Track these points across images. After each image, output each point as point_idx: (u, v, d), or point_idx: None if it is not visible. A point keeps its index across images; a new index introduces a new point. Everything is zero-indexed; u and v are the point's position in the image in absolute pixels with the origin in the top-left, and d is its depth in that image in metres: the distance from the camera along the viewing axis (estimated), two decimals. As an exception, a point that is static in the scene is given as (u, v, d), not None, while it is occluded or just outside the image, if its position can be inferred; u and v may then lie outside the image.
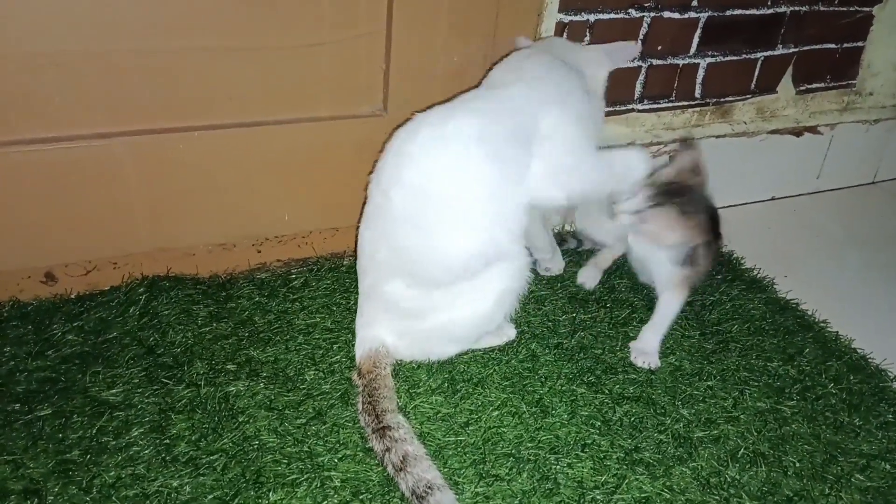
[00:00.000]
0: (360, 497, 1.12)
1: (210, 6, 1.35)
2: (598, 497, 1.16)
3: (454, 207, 1.26)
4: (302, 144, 1.53)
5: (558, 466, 1.21)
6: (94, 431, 1.18)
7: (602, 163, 1.43)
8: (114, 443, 1.17)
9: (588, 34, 1.68)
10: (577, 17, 1.66)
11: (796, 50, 1.98)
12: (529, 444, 1.24)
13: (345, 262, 1.61)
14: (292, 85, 1.49)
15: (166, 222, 1.49)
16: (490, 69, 1.47)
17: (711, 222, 1.47)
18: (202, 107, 1.43)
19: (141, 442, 1.17)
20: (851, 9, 2.02)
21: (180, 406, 1.24)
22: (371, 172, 1.35)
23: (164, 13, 1.33)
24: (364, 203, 1.35)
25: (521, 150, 1.31)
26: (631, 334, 1.50)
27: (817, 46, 2.01)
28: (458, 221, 1.26)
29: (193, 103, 1.42)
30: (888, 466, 1.27)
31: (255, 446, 1.18)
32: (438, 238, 1.26)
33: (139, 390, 1.26)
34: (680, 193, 1.42)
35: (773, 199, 2.13)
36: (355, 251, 1.39)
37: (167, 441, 1.18)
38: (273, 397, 1.27)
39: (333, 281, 1.57)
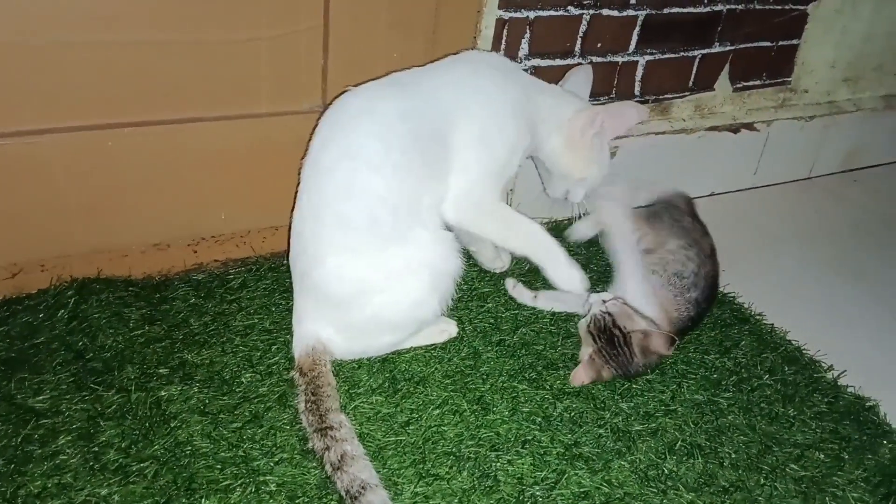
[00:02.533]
0: (297, 501, 1.10)
1: (147, -1, 1.32)
2: (538, 493, 1.16)
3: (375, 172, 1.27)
4: (239, 141, 1.50)
5: (499, 464, 1.20)
6: (20, 440, 1.13)
7: (511, 221, 1.43)
8: (40, 451, 1.13)
9: (528, 31, 1.69)
10: (517, 14, 1.66)
11: (733, 48, 2.02)
12: (470, 442, 1.24)
13: (285, 262, 1.57)
14: (229, 80, 1.46)
15: (97, 222, 1.45)
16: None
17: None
18: (134, 103, 1.40)
19: (68, 450, 1.13)
20: (787, 7, 2.07)
21: (110, 412, 1.20)
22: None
23: (94, 5, 1.29)
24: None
25: (438, 147, 1.33)
26: (572, 329, 1.51)
27: (753, 44, 2.06)
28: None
29: (125, 99, 1.39)
30: (822, 456, 1.30)
31: (188, 452, 1.15)
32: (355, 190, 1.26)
33: (67, 397, 1.22)
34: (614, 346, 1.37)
35: (712, 194, 2.17)
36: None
37: (96, 449, 1.14)
38: (207, 401, 1.24)
39: (273, 281, 1.54)
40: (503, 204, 1.46)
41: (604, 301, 1.41)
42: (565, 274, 1.42)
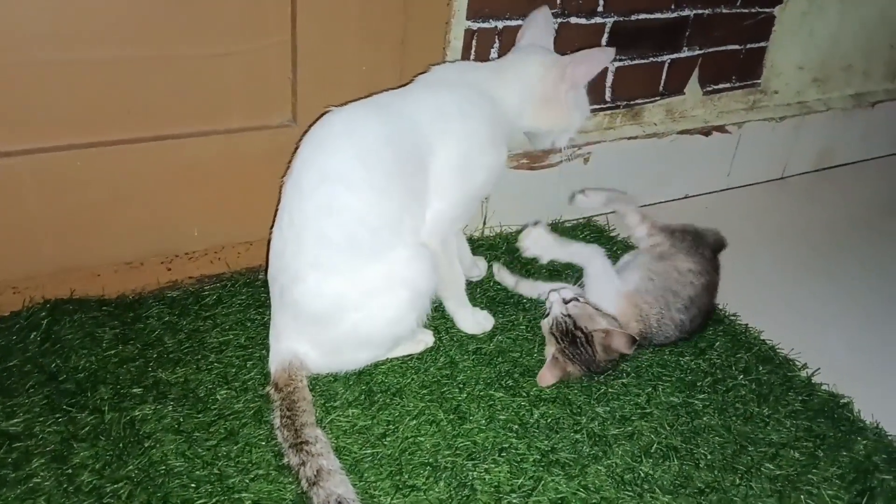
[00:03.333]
0: (273, 517, 1.10)
1: (112, 16, 1.32)
2: (515, 500, 1.16)
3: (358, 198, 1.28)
4: (211, 157, 1.50)
5: (475, 472, 1.20)
6: (-7, 464, 1.13)
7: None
8: (13, 475, 1.12)
9: (497, 41, 1.70)
10: (486, 25, 1.67)
11: (702, 52, 2.04)
12: (447, 452, 1.24)
13: (260, 277, 1.58)
14: (199, 96, 1.46)
15: (69, 243, 1.44)
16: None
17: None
18: (104, 121, 1.40)
19: (42, 473, 1.13)
20: (753, 10, 2.09)
21: (83, 434, 1.19)
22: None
23: (62, 23, 1.29)
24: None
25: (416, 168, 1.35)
26: (548, 336, 1.52)
27: (722, 48, 2.08)
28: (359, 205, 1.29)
29: (94, 118, 1.39)
30: (797, 454, 1.31)
31: (162, 471, 1.14)
32: (338, 208, 1.27)
33: (40, 419, 1.21)
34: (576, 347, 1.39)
35: (686, 197, 2.19)
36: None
37: (69, 471, 1.13)
38: (182, 420, 1.23)
39: (248, 296, 1.54)
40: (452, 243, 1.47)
41: (565, 302, 1.42)
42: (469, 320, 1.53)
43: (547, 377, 1.38)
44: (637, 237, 1.62)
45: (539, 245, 1.57)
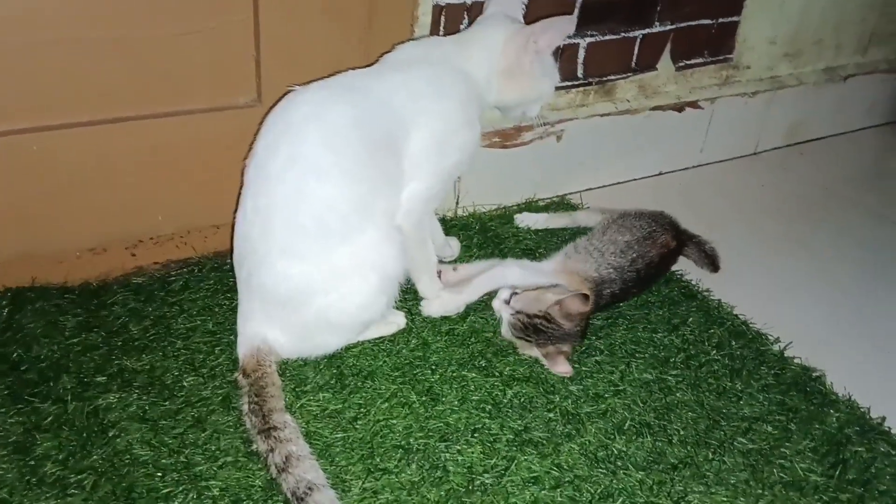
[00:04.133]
0: (241, 504, 1.08)
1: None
2: (488, 481, 1.15)
3: (326, 179, 1.25)
4: (174, 138, 1.47)
5: (448, 454, 1.19)
6: (-47, 457, 1.10)
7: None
8: (-25, 468, 1.09)
9: (466, 17, 1.67)
10: (454, 1, 1.64)
11: (673, 27, 2.02)
12: (419, 434, 1.22)
13: (228, 261, 1.54)
14: (161, 76, 1.42)
15: (29, 229, 1.40)
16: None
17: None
18: (60, 104, 1.36)
19: (4, 465, 1.10)
20: (725, -16, 2.08)
21: (46, 424, 1.17)
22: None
23: (13, 4, 1.24)
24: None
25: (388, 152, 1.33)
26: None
27: (694, 23, 2.06)
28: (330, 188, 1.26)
29: (50, 100, 1.35)
30: (770, 428, 1.31)
31: (127, 461, 1.12)
32: (309, 194, 1.25)
33: (2, 410, 1.18)
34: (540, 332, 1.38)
35: (660, 173, 2.18)
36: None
37: (32, 462, 1.11)
38: (147, 408, 1.21)
39: (216, 281, 1.51)
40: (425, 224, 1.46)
41: (506, 302, 1.41)
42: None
43: (561, 368, 1.36)
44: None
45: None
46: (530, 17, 1.53)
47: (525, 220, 1.80)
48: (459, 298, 1.49)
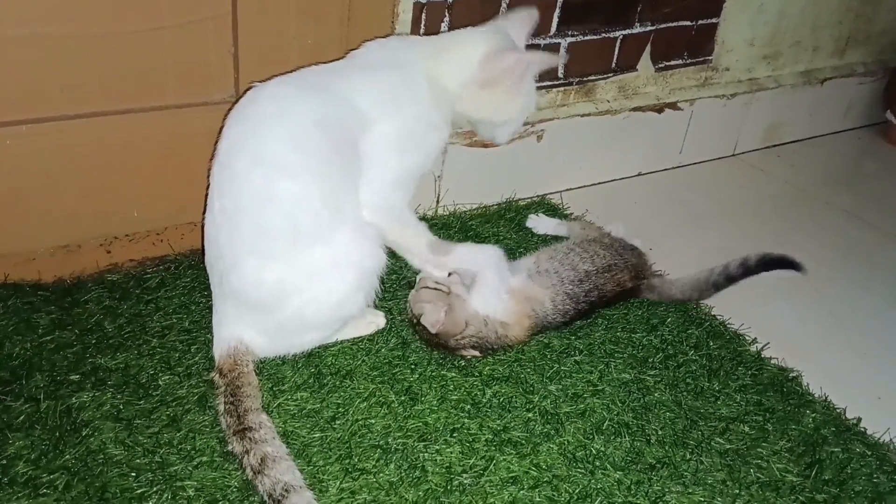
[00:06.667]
0: (216, 505, 1.07)
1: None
2: (466, 481, 1.15)
3: (291, 177, 1.23)
4: (148, 134, 1.45)
5: (427, 454, 1.19)
6: (-78, 458, 1.07)
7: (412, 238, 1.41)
8: (-57, 469, 1.07)
9: (447, 14, 1.66)
10: (435, -2, 1.64)
11: (654, 28, 2.03)
12: (398, 434, 1.22)
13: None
14: (134, 72, 1.40)
15: (1, 226, 1.37)
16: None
17: None
18: (33, 99, 1.33)
19: (-26, 465, 1.08)
20: (704, -14, 2.09)
21: (18, 423, 1.14)
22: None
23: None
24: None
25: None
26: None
27: (673, 24, 2.07)
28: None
29: (22, 95, 1.32)
30: (747, 428, 1.32)
31: (100, 461, 1.10)
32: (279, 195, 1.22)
33: (-28, 410, 1.16)
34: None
35: (639, 174, 2.19)
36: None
37: (3, 462, 1.09)
38: (121, 407, 1.19)
39: (192, 279, 1.49)
40: (412, 219, 1.43)
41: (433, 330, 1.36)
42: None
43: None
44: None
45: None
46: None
47: (538, 225, 1.78)
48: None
